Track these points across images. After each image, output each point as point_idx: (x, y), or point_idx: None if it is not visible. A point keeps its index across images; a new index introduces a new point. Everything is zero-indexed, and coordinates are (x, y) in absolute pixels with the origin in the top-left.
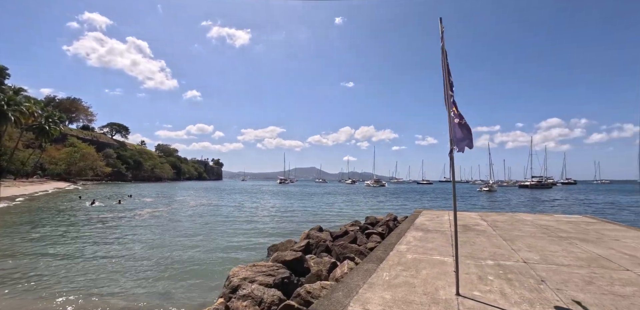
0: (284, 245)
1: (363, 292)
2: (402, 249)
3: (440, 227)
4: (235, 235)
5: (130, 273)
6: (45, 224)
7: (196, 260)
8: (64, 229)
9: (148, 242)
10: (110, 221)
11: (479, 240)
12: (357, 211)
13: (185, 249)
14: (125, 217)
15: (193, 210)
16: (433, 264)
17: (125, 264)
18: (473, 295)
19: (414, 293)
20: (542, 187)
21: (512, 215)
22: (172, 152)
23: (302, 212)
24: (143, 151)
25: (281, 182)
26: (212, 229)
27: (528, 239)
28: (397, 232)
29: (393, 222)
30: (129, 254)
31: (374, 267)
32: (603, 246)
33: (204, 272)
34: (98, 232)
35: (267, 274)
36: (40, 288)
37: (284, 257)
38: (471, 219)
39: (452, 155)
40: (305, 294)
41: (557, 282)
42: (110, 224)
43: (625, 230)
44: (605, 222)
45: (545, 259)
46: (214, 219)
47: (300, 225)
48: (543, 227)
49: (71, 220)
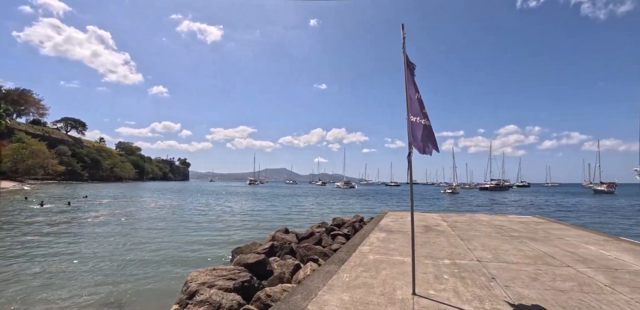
0: (248, 248)
1: (322, 294)
2: (365, 250)
3: (403, 228)
4: (198, 239)
5: (78, 281)
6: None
7: (154, 266)
8: (2, 234)
9: (100, 246)
10: (59, 224)
11: (438, 240)
12: (326, 212)
13: (143, 254)
14: (78, 219)
15: (154, 212)
16: (393, 264)
17: (72, 271)
18: (428, 294)
19: (372, 294)
20: (499, 189)
21: (470, 216)
22: (135, 150)
23: (271, 213)
24: (102, 149)
25: (251, 183)
26: (173, 232)
27: (483, 238)
28: (362, 233)
29: (359, 223)
30: (77, 259)
31: (335, 269)
32: (549, 244)
33: (162, 278)
34: (43, 237)
35: (227, 278)
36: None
37: (246, 260)
38: (433, 219)
39: (410, 158)
40: (266, 297)
41: (506, 279)
42: (59, 228)
43: (568, 229)
44: (552, 221)
45: (497, 257)
46: (177, 221)
47: (268, 227)
48: (497, 227)
49: (13, 223)
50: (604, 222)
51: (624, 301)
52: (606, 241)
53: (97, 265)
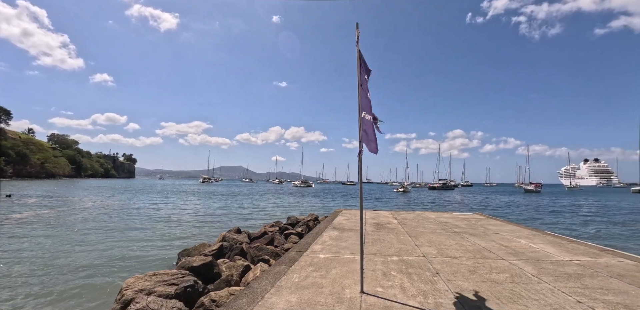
0: (196, 250)
1: (269, 296)
2: (317, 249)
3: (356, 226)
4: (141, 241)
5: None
6: None
7: (86, 273)
8: None
9: (21, 252)
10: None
11: (388, 237)
12: (282, 211)
13: (73, 260)
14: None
15: (91, 213)
16: (344, 262)
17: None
18: (376, 291)
19: (320, 294)
20: (446, 189)
21: (419, 213)
22: (71, 144)
23: (225, 213)
24: (30, 141)
25: (204, 181)
26: (112, 234)
27: (430, 235)
28: (315, 232)
29: (314, 222)
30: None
31: (285, 269)
32: (486, 239)
33: (95, 286)
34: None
35: (169, 283)
36: None
37: (192, 262)
38: (385, 217)
39: (360, 156)
40: (210, 303)
41: (448, 273)
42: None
43: (502, 225)
44: (490, 218)
45: (441, 253)
46: (118, 222)
47: (220, 228)
48: (443, 223)
49: None
50: (532, 218)
51: (548, 289)
52: (534, 235)
53: (15, 273)
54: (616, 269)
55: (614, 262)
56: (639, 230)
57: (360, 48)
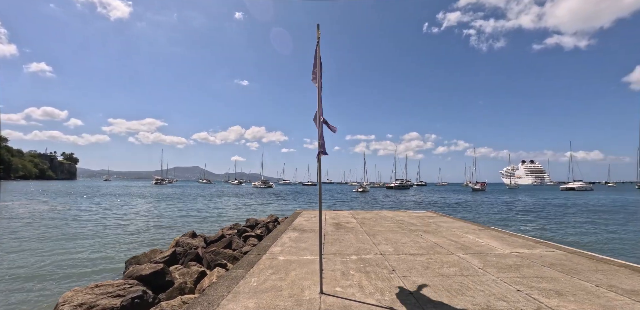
0: (146, 257)
1: (225, 303)
2: (276, 251)
3: (316, 227)
4: (83, 251)
5: None
6: None
7: (18, 286)
8: None
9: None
10: None
11: (347, 237)
12: (240, 213)
13: (3, 272)
14: None
15: (21, 219)
16: (303, 264)
17: None
18: (335, 291)
19: (279, 297)
20: (402, 188)
21: (377, 213)
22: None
23: (180, 217)
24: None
25: (157, 182)
26: (49, 243)
27: (387, 233)
28: (274, 234)
29: (273, 223)
30: None
31: (243, 273)
32: (439, 236)
33: (28, 303)
34: None
35: (114, 295)
36: None
37: (140, 271)
38: (344, 217)
39: (319, 157)
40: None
41: (404, 269)
42: None
43: (453, 222)
44: (442, 215)
45: (397, 250)
46: (54, 229)
47: (174, 233)
48: (399, 222)
49: None
50: (478, 214)
51: (492, 280)
52: (480, 230)
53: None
54: (548, 258)
55: (546, 252)
56: (568, 223)
57: (320, 49)
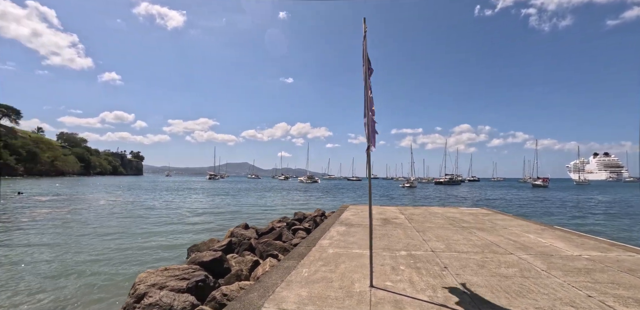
0: (205, 245)
1: (280, 290)
2: (325, 244)
3: (363, 222)
4: (151, 237)
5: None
6: None
7: (100, 268)
8: None
9: (39, 248)
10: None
11: (396, 232)
12: (287, 207)
13: (87, 256)
14: (11, 218)
15: (102, 210)
16: (352, 257)
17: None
18: (385, 285)
19: (330, 288)
20: (453, 184)
21: (426, 209)
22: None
23: (231, 209)
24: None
25: (211, 177)
26: (124, 231)
27: (437, 230)
28: (322, 227)
29: (320, 217)
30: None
31: (294, 264)
32: (495, 234)
33: (108, 281)
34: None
35: (180, 278)
36: None
37: (202, 258)
38: (392, 212)
39: (369, 152)
40: (221, 296)
41: (457, 267)
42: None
43: (511, 220)
44: (497, 213)
45: (449, 247)
46: (128, 219)
47: (227, 224)
48: (450, 218)
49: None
50: (541, 212)
51: (558, 284)
52: (543, 230)
53: (36, 268)
54: (627, 263)
55: (624, 256)
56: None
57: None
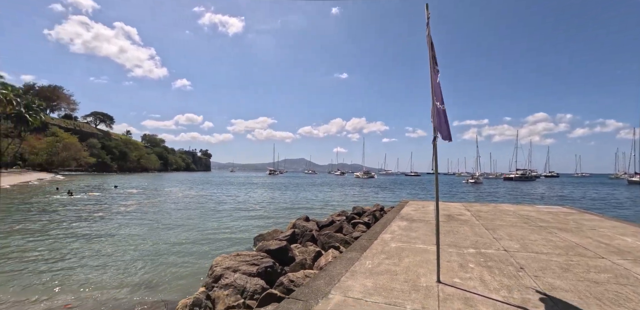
0: (270, 235)
1: (345, 279)
2: (387, 238)
3: (425, 217)
4: (222, 226)
5: (113, 264)
6: (21, 216)
7: (181, 251)
8: (43, 220)
9: (133, 233)
10: (93, 212)
11: (462, 229)
12: (345, 202)
13: (172, 240)
14: (111, 208)
15: (181, 201)
16: (416, 252)
17: (108, 254)
18: (453, 282)
19: (395, 280)
20: (525, 180)
21: (495, 206)
22: (159, 142)
23: (291, 202)
24: (128, 141)
25: (270, 173)
26: (199, 220)
27: (509, 228)
28: (382, 222)
29: (379, 212)
30: (112, 245)
31: (357, 256)
32: (581, 235)
33: (189, 262)
34: (79, 224)
35: (250, 263)
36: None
37: (269, 246)
38: (455, 209)
39: (435, 143)
40: (288, 282)
41: (535, 269)
42: (91, 216)
43: (601, 220)
44: (584, 212)
45: (525, 247)
46: (202, 210)
47: (288, 216)
48: (524, 217)
49: (49, 211)
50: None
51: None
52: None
53: (130, 249)
54: None
55: None
56: None
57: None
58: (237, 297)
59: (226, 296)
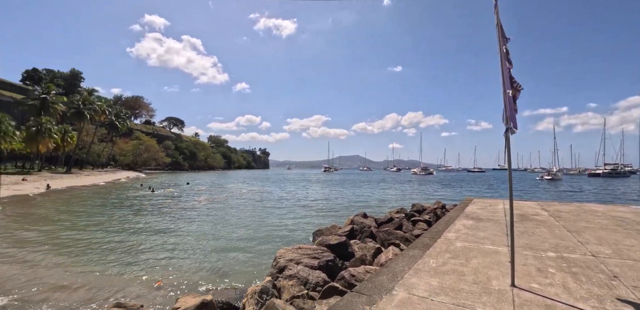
0: (328, 230)
1: (408, 277)
2: (451, 237)
3: (494, 216)
4: (283, 220)
5: (189, 252)
6: (116, 208)
7: (247, 242)
8: (132, 212)
9: (204, 226)
10: (171, 206)
11: (538, 230)
12: (402, 199)
13: (238, 232)
14: (184, 203)
15: (244, 197)
16: (485, 253)
17: (185, 244)
18: (531, 287)
19: (463, 281)
20: (617, 176)
21: (579, 206)
22: (223, 142)
23: (347, 199)
24: (197, 142)
25: (326, 170)
26: (261, 214)
27: (598, 231)
28: (445, 220)
29: (441, 210)
30: (188, 236)
31: (419, 254)
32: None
33: (253, 253)
34: (162, 218)
35: (311, 257)
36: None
37: (329, 241)
38: (529, 208)
39: (508, 135)
40: (350, 277)
41: (633, 278)
42: (170, 210)
43: None
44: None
45: (619, 254)
46: (264, 205)
47: (344, 212)
48: (617, 219)
49: (137, 205)
50: None
51: None
52: None
53: (202, 240)
54: None
55: None
56: None
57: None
58: (300, 288)
59: (291, 286)
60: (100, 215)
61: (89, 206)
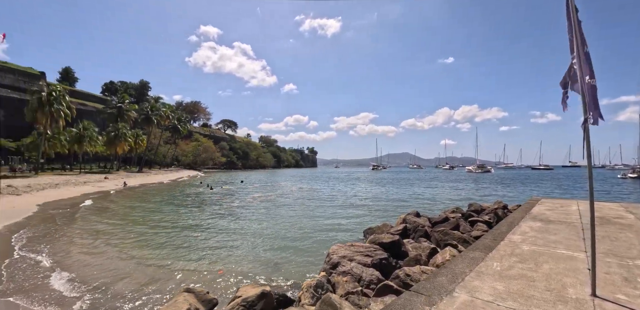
0: (379, 229)
1: (470, 279)
2: (516, 239)
3: (566, 218)
4: (333, 218)
5: (245, 248)
6: (180, 205)
7: (300, 238)
8: (194, 208)
9: (260, 222)
10: (227, 205)
11: (623, 235)
12: (457, 198)
13: (291, 228)
14: (241, 201)
15: (295, 195)
16: (557, 258)
17: (243, 238)
18: (616, 298)
19: (533, 288)
20: None
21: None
22: (273, 142)
23: (397, 197)
24: (249, 143)
25: (374, 168)
26: (312, 212)
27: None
28: (509, 221)
29: (502, 210)
30: (245, 231)
31: (481, 256)
32: None
33: (307, 248)
34: (221, 213)
35: (364, 254)
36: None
37: (381, 239)
38: (611, 210)
39: (586, 126)
40: (405, 276)
41: None
42: (229, 207)
43: None
44: None
45: None
46: (314, 202)
47: (395, 210)
48: None
49: (198, 201)
50: None
51: None
52: None
53: (258, 235)
54: None
55: None
56: None
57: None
58: (355, 285)
59: (345, 282)
60: (166, 212)
61: (157, 203)
